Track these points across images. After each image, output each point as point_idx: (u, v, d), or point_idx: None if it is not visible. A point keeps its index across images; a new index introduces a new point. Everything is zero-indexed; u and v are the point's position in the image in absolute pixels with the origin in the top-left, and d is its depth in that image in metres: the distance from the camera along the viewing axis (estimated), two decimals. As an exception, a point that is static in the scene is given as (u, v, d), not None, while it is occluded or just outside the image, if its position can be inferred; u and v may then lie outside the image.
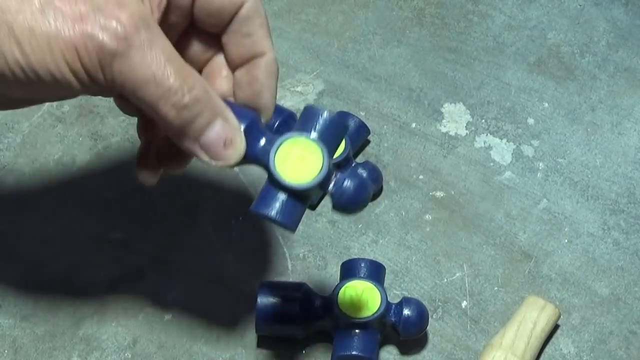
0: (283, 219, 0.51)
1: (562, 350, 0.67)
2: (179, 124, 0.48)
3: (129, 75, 0.46)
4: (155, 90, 0.46)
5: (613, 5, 0.85)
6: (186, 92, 0.47)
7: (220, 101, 0.50)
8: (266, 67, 0.53)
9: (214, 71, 0.55)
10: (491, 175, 0.75)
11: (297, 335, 0.65)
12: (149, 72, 0.46)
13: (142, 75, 0.46)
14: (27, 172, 0.75)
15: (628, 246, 0.71)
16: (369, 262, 0.67)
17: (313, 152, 0.51)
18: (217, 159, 0.50)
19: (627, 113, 0.79)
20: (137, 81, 0.46)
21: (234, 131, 0.50)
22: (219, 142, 0.50)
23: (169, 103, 0.47)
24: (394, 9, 0.85)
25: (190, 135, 0.49)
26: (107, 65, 0.46)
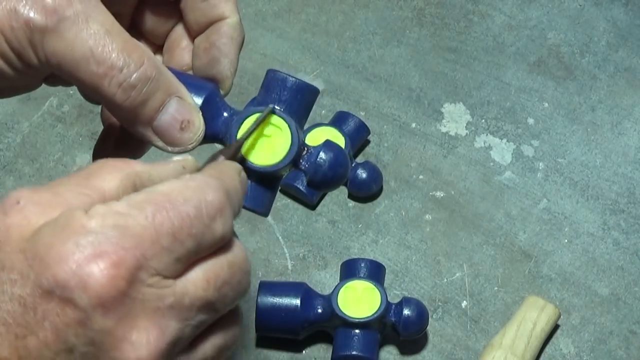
0: (253, 204, 0.46)
1: (562, 350, 0.67)
2: (128, 106, 0.42)
3: (64, 53, 0.41)
4: (96, 68, 0.41)
5: (613, 5, 0.85)
6: (134, 70, 0.42)
7: (174, 77, 0.44)
8: (225, 31, 0.47)
9: (173, 43, 0.49)
10: (491, 175, 0.75)
11: (297, 335, 0.65)
12: (86, 47, 0.40)
13: (79, 52, 0.40)
14: (27, 172, 0.75)
15: (628, 246, 0.71)
16: (369, 262, 0.67)
17: (279, 127, 0.45)
18: (174, 144, 0.44)
19: (627, 113, 0.79)
20: (74, 59, 0.41)
21: (191, 111, 0.44)
22: (174, 124, 0.44)
23: (114, 82, 0.41)
24: (394, 9, 0.85)
25: (142, 118, 0.43)
26: (39, 44, 0.41)
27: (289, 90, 0.46)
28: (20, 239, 0.37)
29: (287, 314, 0.64)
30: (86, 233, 0.36)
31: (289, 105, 0.46)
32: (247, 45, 0.68)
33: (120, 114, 0.43)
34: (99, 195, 0.38)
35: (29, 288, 0.36)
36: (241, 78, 0.78)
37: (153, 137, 0.44)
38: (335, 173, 0.46)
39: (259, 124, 0.44)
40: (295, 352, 0.67)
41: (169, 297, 0.37)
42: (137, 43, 0.42)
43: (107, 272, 0.36)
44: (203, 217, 0.38)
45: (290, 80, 0.46)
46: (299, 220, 0.73)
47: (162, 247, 0.37)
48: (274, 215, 0.73)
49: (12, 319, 0.36)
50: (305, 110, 0.47)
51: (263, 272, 0.70)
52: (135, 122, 0.43)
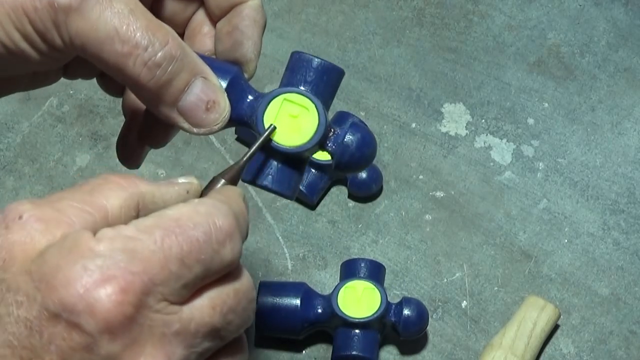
0: (280, 187, 0.45)
1: (562, 350, 0.67)
2: (153, 86, 0.42)
3: (89, 33, 0.40)
4: (121, 47, 0.40)
5: (613, 5, 0.85)
6: (159, 48, 0.41)
7: (199, 58, 0.43)
8: (248, 14, 0.46)
9: (194, 29, 0.49)
10: (491, 175, 0.75)
11: (297, 335, 0.65)
12: (110, 27, 0.40)
13: (104, 32, 0.40)
14: (27, 172, 0.75)
15: (628, 246, 0.71)
16: (369, 262, 0.67)
17: (306, 107, 0.44)
18: (200, 125, 0.43)
19: (627, 113, 0.79)
20: (98, 39, 0.40)
21: (217, 92, 0.43)
22: (199, 105, 0.43)
23: (139, 61, 0.41)
24: (394, 9, 0.85)
25: (167, 99, 0.42)
26: (62, 24, 0.40)
27: (315, 71, 0.45)
28: (25, 258, 0.36)
29: (287, 314, 0.64)
30: (94, 256, 0.36)
31: (315, 86, 0.45)
32: (247, 45, 0.68)
33: (145, 95, 0.42)
34: (101, 215, 0.38)
35: (35, 311, 0.35)
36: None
37: (178, 119, 0.43)
38: (363, 154, 0.45)
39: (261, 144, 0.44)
40: (295, 352, 0.67)
41: (175, 323, 0.37)
42: (161, 23, 0.42)
43: (115, 297, 0.35)
44: (212, 242, 0.38)
45: (316, 61, 0.45)
46: (299, 220, 0.73)
47: (171, 272, 0.36)
48: (274, 215, 0.73)
49: (17, 342, 0.35)
50: (332, 91, 0.46)
51: (263, 272, 0.70)
52: (160, 103, 0.43)
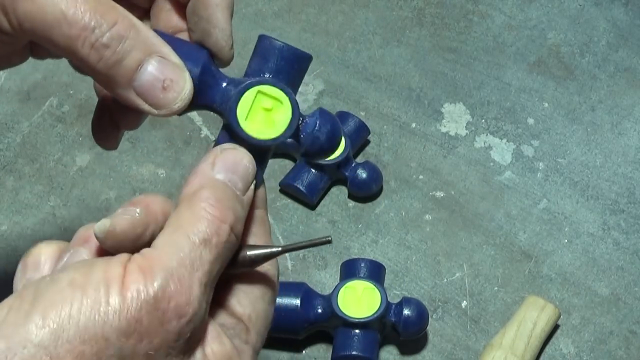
0: None
1: (562, 350, 0.67)
2: (103, 68, 0.41)
3: (36, 16, 0.40)
4: (69, 30, 0.40)
5: (613, 5, 0.85)
6: (106, 29, 0.40)
7: (155, 37, 0.42)
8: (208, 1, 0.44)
9: (159, 6, 0.47)
10: (491, 175, 0.75)
11: (297, 335, 0.65)
12: (57, 9, 0.40)
13: (51, 15, 0.40)
14: (27, 172, 0.75)
15: (628, 246, 0.71)
16: (369, 262, 0.67)
17: (280, 100, 0.43)
18: (158, 105, 0.42)
19: (627, 113, 0.79)
20: (47, 22, 0.40)
21: (175, 70, 0.42)
22: (155, 84, 0.42)
23: (87, 43, 0.40)
24: (394, 9, 0.85)
25: (121, 80, 0.41)
26: (10, 7, 0.40)
27: (286, 60, 0.44)
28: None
29: (287, 314, 0.64)
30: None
31: (285, 75, 0.44)
32: (247, 44, 0.68)
33: (99, 77, 0.42)
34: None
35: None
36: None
37: (137, 100, 0.42)
38: (332, 145, 0.45)
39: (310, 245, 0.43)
40: (295, 352, 0.67)
41: None
42: (112, 4, 0.41)
43: None
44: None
45: (287, 48, 0.44)
46: (299, 220, 0.73)
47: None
48: (274, 215, 0.73)
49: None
50: (301, 78, 0.45)
51: (263, 272, 0.70)
52: (115, 84, 0.42)
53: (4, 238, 0.72)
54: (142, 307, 0.35)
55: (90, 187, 0.75)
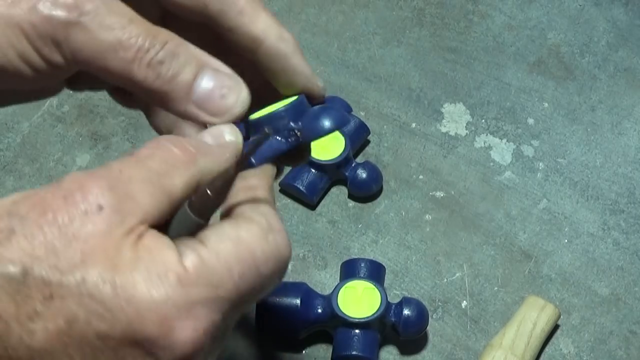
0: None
1: (562, 350, 0.67)
2: (161, 85, 0.42)
3: (90, 45, 0.40)
4: (125, 54, 0.41)
5: (613, 5, 0.85)
6: (159, 48, 0.41)
7: (204, 53, 0.43)
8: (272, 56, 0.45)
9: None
10: (491, 175, 0.75)
11: (297, 335, 0.65)
12: (111, 37, 0.40)
13: (106, 42, 0.40)
14: (27, 172, 0.75)
15: (628, 246, 0.71)
16: (369, 262, 0.67)
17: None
18: (218, 112, 0.43)
19: (627, 113, 0.79)
20: (102, 50, 0.40)
21: (230, 78, 0.43)
22: (213, 93, 0.42)
23: (143, 64, 0.41)
24: (394, 9, 0.85)
25: (178, 94, 0.42)
26: (63, 40, 0.40)
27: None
28: (106, 259, 0.36)
29: (287, 314, 0.64)
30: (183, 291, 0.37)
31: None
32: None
33: (156, 96, 0.42)
34: (169, 201, 0.38)
35: (118, 331, 0.36)
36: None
37: (198, 112, 0.43)
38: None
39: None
40: (295, 352, 0.67)
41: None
42: (160, 28, 0.42)
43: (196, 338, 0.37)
44: (275, 278, 0.40)
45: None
46: (299, 220, 0.73)
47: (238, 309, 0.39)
48: (274, 215, 0.73)
49: (89, 350, 0.36)
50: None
51: (263, 272, 0.70)
52: (173, 101, 0.42)
53: (4, 238, 0.72)
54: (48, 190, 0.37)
55: (90, 187, 0.75)
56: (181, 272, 0.37)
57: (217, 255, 0.38)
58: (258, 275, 0.39)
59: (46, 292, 0.35)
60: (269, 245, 0.40)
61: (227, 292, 0.38)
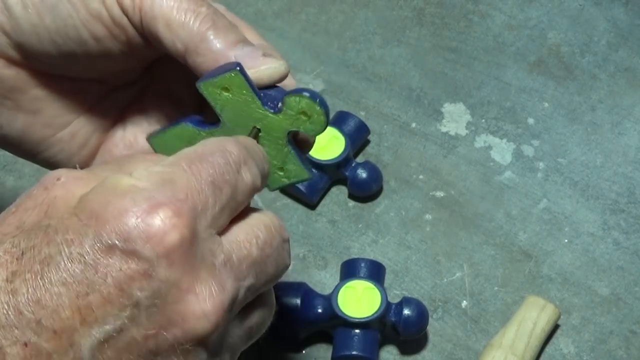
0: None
1: (562, 350, 0.67)
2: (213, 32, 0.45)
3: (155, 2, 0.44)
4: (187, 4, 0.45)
5: (613, 5, 0.85)
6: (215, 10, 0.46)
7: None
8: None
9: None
10: (491, 175, 0.75)
11: (297, 335, 0.65)
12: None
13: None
14: (27, 172, 0.75)
15: (628, 246, 0.71)
16: (369, 262, 0.67)
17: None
18: (254, 66, 0.45)
19: (627, 113, 0.79)
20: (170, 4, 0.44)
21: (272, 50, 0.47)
22: (256, 51, 0.46)
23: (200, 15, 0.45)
24: (394, 8, 0.85)
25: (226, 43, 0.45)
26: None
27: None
28: (68, 206, 0.38)
29: (287, 314, 0.64)
30: (138, 190, 0.37)
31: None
32: (247, 45, 0.68)
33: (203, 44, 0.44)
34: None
35: (87, 246, 0.36)
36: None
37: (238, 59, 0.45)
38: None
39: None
40: (295, 352, 0.67)
41: (220, 254, 0.38)
42: None
43: (170, 221, 0.36)
44: (231, 164, 0.40)
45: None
46: (299, 220, 0.73)
47: (207, 196, 0.38)
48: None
49: (71, 278, 0.36)
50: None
51: (263, 272, 0.70)
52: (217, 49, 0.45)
53: (4, 238, 0.72)
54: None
55: (90, 187, 0.75)
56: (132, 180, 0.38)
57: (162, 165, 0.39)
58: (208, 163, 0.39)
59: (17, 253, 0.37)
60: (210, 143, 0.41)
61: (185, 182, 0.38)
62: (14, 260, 0.36)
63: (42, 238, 0.37)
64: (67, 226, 0.36)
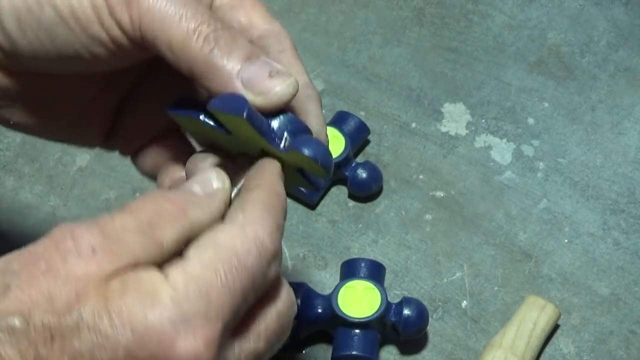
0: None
1: (562, 350, 0.67)
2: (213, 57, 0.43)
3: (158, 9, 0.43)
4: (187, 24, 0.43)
5: (613, 5, 0.85)
6: (220, 26, 0.44)
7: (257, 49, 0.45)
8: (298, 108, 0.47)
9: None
10: (491, 175, 0.75)
11: (297, 335, 0.65)
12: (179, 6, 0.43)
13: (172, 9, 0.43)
14: (27, 172, 0.75)
15: (628, 246, 0.71)
16: (369, 262, 0.67)
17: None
18: (263, 91, 0.43)
19: (627, 113, 0.79)
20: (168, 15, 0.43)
21: (282, 67, 0.45)
22: (262, 72, 0.44)
23: (202, 35, 0.43)
24: (394, 8, 0.85)
25: (228, 70, 0.43)
26: (134, 5, 0.43)
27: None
28: (98, 295, 0.37)
29: (287, 314, 0.64)
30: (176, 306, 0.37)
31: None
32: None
33: (205, 70, 0.43)
34: (159, 250, 0.39)
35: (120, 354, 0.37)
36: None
37: (243, 90, 0.43)
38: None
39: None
40: (295, 352, 0.67)
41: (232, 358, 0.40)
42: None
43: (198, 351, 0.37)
44: (263, 266, 0.40)
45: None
46: (299, 220, 0.73)
47: (235, 307, 0.39)
48: (274, 215, 0.73)
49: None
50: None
51: (263, 272, 0.70)
52: (221, 76, 0.43)
53: (4, 238, 0.72)
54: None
55: (90, 187, 0.75)
56: (170, 290, 0.37)
57: (201, 265, 0.38)
58: (244, 269, 0.39)
59: (47, 335, 0.36)
60: (247, 237, 0.40)
61: (220, 297, 0.38)
62: (45, 342, 0.36)
63: (74, 329, 0.37)
64: (98, 326, 0.37)
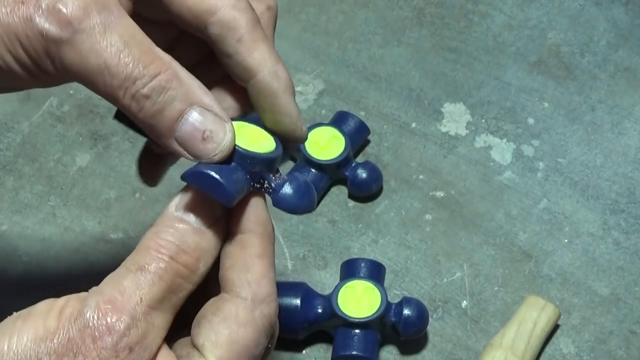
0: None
1: (562, 350, 0.67)
2: (144, 118, 0.42)
3: (79, 65, 0.40)
4: (110, 80, 0.40)
5: (613, 5, 0.85)
6: (148, 80, 0.41)
7: (199, 87, 0.42)
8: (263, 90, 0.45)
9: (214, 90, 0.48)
10: (491, 175, 0.75)
11: (297, 335, 0.65)
12: (100, 60, 0.40)
13: (94, 65, 0.40)
14: (27, 172, 0.75)
15: (628, 246, 0.71)
16: (369, 262, 0.67)
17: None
18: (198, 155, 0.42)
19: (627, 113, 0.79)
20: (89, 71, 0.40)
21: (215, 122, 0.42)
22: (195, 135, 0.42)
23: (128, 94, 0.41)
24: (394, 8, 0.85)
25: (162, 129, 0.42)
26: (55, 54, 0.40)
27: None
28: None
29: (287, 314, 0.64)
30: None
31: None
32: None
33: (141, 125, 0.42)
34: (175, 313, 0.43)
35: None
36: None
37: (178, 149, 0.42)
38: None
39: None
40: (295, 352, 0.67)
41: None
42: (158, 54, 0.42)
43: None
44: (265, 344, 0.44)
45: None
46: (299, 220, 0.73)
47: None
48: (274, 215, 0.72)
49: None
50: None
51: (263, 272, 0.70)
52: (156, 133, 0.42)
53: (4, 238, 0.72)
54: (73, 326, 0.39)
55: (90, 187, 0.75)
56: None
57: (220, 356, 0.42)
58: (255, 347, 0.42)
59: None
60: (256, 322, 0.42)
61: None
62: None
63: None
64: None
